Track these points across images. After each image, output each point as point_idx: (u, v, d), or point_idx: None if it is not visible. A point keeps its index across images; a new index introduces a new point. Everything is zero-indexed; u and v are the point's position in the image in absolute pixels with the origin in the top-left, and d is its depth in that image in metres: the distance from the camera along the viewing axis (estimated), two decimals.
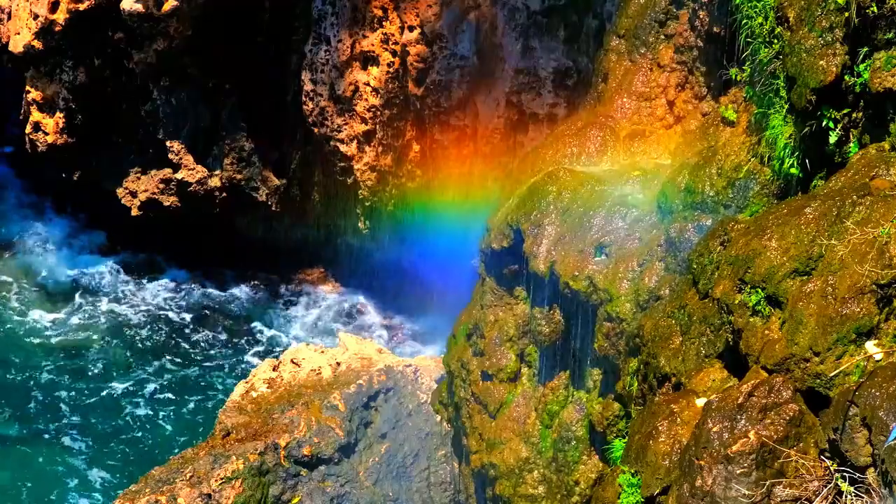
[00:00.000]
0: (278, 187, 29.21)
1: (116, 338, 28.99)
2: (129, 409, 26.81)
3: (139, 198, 29.56)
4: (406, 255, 28.89)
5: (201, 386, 27.72)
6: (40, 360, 28.05)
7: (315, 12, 26.45)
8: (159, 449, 25.61)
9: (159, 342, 29.07)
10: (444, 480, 21.36)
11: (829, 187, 12.64)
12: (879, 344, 11.15)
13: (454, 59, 24.73)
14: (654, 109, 18.24)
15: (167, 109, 28.36)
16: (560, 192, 17.49)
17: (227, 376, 27.98)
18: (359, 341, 23.38)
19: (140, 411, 26.79)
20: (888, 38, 12.47)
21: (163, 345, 29.01)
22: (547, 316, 17.56)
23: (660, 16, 18.28)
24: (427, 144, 26.10)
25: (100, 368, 27.95)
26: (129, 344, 28.86)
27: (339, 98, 26.55)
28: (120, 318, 29.78)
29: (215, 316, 30.02)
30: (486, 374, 18.63)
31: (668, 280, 15.49)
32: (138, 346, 28.84)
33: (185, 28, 27.05)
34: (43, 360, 28.08)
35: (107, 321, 29.65)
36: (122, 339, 28.98)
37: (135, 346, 28.85)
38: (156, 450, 25.58)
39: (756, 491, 11.02)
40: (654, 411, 13.06)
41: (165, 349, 28.88)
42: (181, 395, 27.32)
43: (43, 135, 29.01)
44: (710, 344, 13.26)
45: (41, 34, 27.66)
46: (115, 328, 29.38)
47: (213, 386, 27.75)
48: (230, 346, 29.14)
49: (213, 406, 26.59)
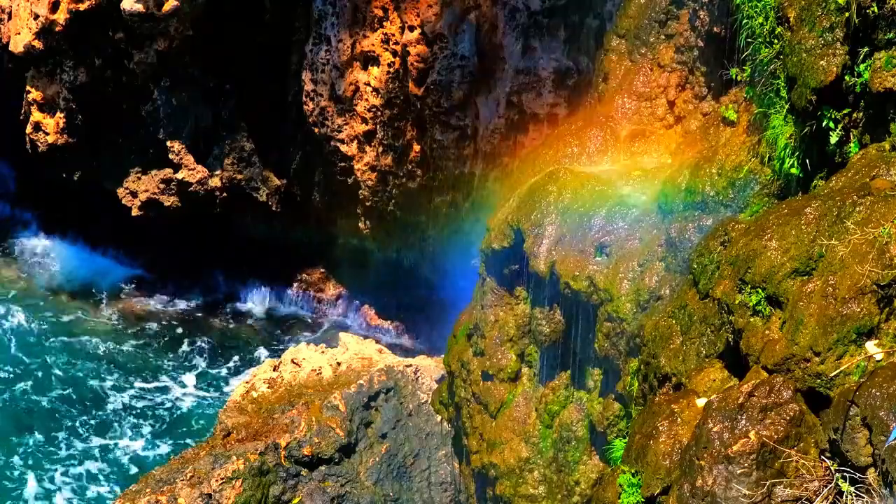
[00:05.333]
0: (279, 187, 29.21)
1: (114, 340, 29.01)
2: (129, 409, 26.81)
3: (139, 198, 29.56)
4: (406, 255, 28.90)
5: (201, 386, 27.72)
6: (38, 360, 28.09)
7: (315, 12, 26.45)
8: (159, 449, 25.62)
9: (159, 342, 29.08)
10: (444, 480, 21.36)
11: (830, 187, 12.63)
12: (880, 344, 11.15)
13: (454, 60, 24.73)
14: (654, 109, 18.24)
15: (168, 109, 28.36)
16: (560, 192, 17.48)
17: (227, 376, 27.99)
18: (359, 341, 23.39)
19: (139, 411, 26.80)
20: (888, 38, 12.46)
21: (163, 345, 29.02)
22: (547, 316, 17.56)
23: (660, 16, 18.27)
24: (427, 144, 26.10)
25: (99, 370, 27.96)
26: (128, 343, 28.86)
27: (339, 98, 26.55)
28: (119, 319, 29.78)
29: (215, 316, 30.03)
30: (487, 374, 18.62)
31: (669, 280, 15.49)
32: (138, 346, 28.84)
33: (185, 28, 27.06)
34: (41, 360, 28.10)
35: (105, 322, 29.66)
36: (120, 340, 28.98)
37: (134, 345, 28.85)
38: (155, 450, 25.59)
39: (756, 491, 11.02)
40: (655, 411, 13.06)
41: (165, 349, 28.89)
42: (180, 395, 27.32)
43: (43, 135, 29.01)
44: (711, 344, 13.26)
45: (42, 34, 27.65)
46: (114, 329, 29.39)
47: (214, 386, 27.77)
48: (230, 346, 29.15)
49: (213, 406, 26.60)
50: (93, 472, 24.99)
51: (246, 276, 30.98)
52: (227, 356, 28.81)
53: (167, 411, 26.92)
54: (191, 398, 27.34)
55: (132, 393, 27.29)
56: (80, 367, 27.94)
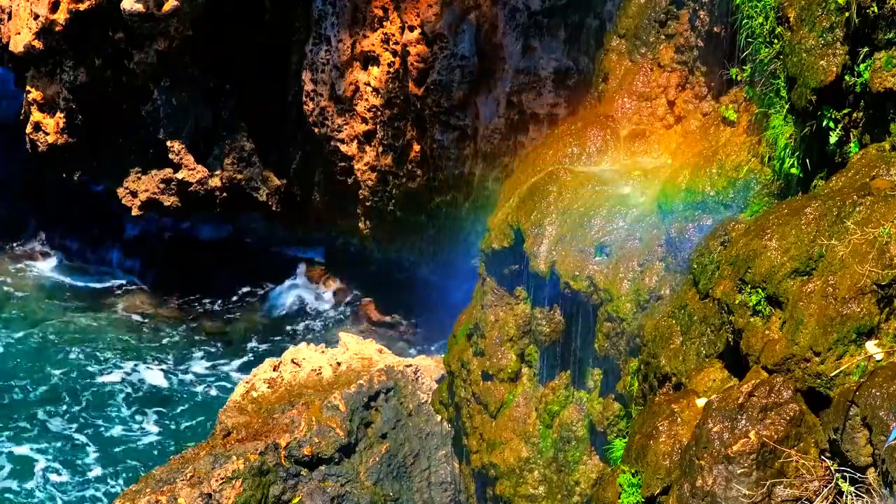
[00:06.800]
0: (279, 187, 29.22)
1: (112, 338, 29.02)
2: (128, 409, 26.82)
3: (139, 198, 29.56)
4: (406, 255, 28.90)
5: (201, 386, 27.72)
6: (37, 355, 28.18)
7: (315, 12, 26.45)
8: (159, 448, 25.64)
9: (159, 342, 29.08)
10: (444, 480, 21.37)
11: (830, 187, 12.63)
12: (880, 344, 11.15)
13: (454, 59, 24.73)
14: (654, 109, 18.24)
15: (168, 109, 28.36)
16: (560, 192, 17.48)
17: (227, 376, 27.99)
18: (359, 341, 23.38)
19: (139, 411, 26.81)
20: (889, 38, 12.46)
21: (162, 345, 29.02)
22: (547, 316, 17.55)
23: (660, 16, 18.27)
24: (427, 144, 26.10)
25: (96, 367, 27.98)
26: (127, 345, 28.87)
27: (339, 98, 26.55)
28: (118, 319, 29.80)
29: (216, 316, 30.03)
30: (487, 374, 18.62)
31: (669, 280, 15.49)
32: (137, 348, 28.85)
33: (185, 28, 27.06)
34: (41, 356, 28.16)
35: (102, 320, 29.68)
36: (119, 341, 28.99)
37: (133, 346, 28.86)
38: (155, 449, 25.60)
39: (756, 491, 11.02)
40: (655, 411, 13.06)
41: (165, 349, 28.89)
42: (181, 395, 27.33)
43: (43, 135, 29.00)
44: (711, 344, 13.26)
45: (42, 34, 27.64)
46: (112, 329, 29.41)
47: (214, 386, 27.76)
48: (231, 346, 29.15)
49: (213, 406, 26.60)
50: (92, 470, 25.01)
51: (246, 275, 30.98)
52: (226, 355, 28.81)
53: (167, 411, 26.94)
54: (189, 397, 27.34)
55: (127, 388, 27.31)
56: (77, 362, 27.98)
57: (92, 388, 27.35)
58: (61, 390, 27.20)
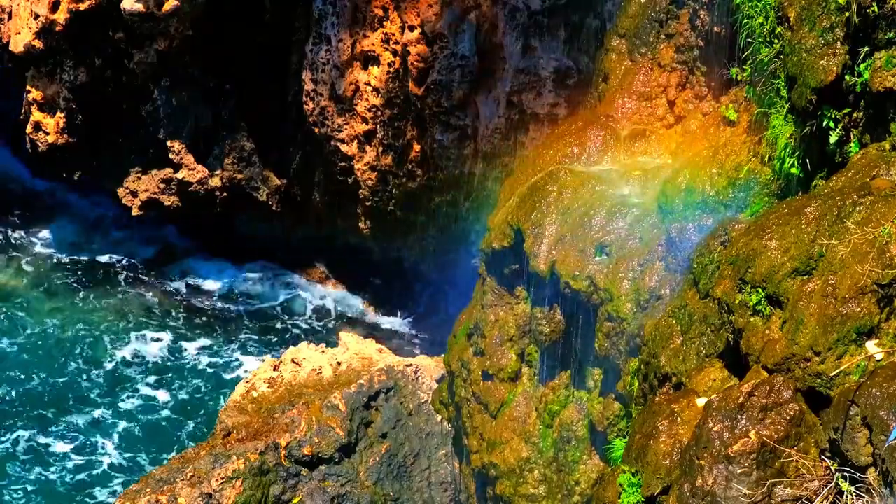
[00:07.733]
0: (279, 187, 29.22)
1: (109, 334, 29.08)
2: (127, 409, 26.82)
3: (140, 197, 29.57)
4: (406, 255, 28.90)
5: (202, 385, 27.72)
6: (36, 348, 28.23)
7: (315, 12, 26.45)
8: (158, 449, 25.64)
9: (158, 343, 29.07)
10: (444, 480, 21.37)
11: (830, 187, 12.64)
12: (880, 343, 11.16)
13: (455, 59, 24.73)
14: (654, 109, 18.25)
15: (168, 109, 28.37)
16: (561, 192, 17.49)
17: (227, 376, 27.99)
18: (359, 341, 23.39)
19: (139, 411, 26.81)
20: (889, 38, 12.47)
21: (161, 345, 29.01)
22: (547, 316, 17.56)
23: (660, 15, 18.28)
24: (427, 144, 26.10)
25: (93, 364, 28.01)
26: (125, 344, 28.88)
27: (339, 98, 26.55)
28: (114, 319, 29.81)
29: (216, 317, 30.02)
30: (487, 373, 18.63)
31: (669, 280, 15.50)
32: (136, 347, 28.85)
33: (185, 28, 27.06)
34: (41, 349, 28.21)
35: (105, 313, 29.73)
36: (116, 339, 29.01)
37: (132, 345, 28.86)
38: (154, 449, 25.61)
39: (756, 491, 11.02)
40: (655, 411, 13.06)
41: (164, 349, 28.87)
42: (181, 395, 27.32)
43: (44, 134, 29.01)
44: (711, 344, 13.26)
45: (42, 34, 27.65)
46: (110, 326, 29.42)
47: (214, 385, 27.77)
48: (231, 346, 29.14)
49: (213, 405, 26.60)
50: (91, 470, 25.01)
51: (246, 275, 30.99)
52: (226, 355, 28.81)
53: (167, 410, 26.93)
54: (190, 397, 27.34)
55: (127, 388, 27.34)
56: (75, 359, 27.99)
57: (88, 381, 27.41)
58: (55, 379, 27.34)
